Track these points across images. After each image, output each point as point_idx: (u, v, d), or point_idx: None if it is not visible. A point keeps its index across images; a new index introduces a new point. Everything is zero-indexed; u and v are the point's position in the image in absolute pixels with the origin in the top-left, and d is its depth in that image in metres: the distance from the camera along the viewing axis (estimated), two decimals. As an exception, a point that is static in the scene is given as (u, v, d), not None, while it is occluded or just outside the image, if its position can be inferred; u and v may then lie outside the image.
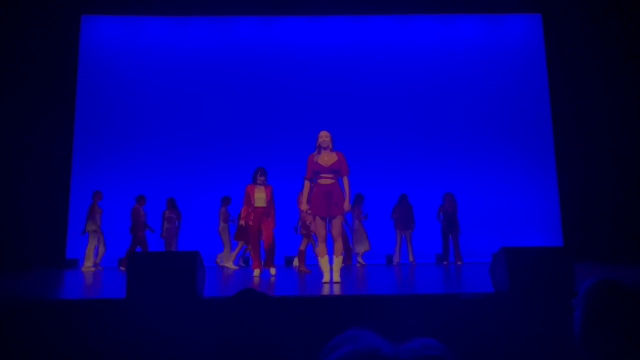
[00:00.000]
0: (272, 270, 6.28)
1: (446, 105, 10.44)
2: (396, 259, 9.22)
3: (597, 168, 9.36)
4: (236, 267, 8.52)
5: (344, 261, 7.66)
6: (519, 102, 10.40)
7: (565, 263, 3.40)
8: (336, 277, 5.01)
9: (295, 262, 7.79)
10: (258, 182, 6.48)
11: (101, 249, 8.96)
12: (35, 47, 9.48)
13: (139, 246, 8.93)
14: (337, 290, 4.36)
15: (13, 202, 8.89)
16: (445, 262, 9.01)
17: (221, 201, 9.06)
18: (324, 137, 5.22)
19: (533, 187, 10.11)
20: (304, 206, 5.31)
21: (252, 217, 6.39)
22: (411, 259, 9.14)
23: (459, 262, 8.99)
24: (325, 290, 4.37)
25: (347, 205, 5.15)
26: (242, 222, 6.60)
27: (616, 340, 1.33)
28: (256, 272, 6.30)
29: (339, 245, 5.16)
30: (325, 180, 5.14)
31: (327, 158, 5.19)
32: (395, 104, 10.45)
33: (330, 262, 5.20)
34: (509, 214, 9.93)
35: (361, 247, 9.06)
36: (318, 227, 5.19)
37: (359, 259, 9.09)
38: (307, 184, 5.30)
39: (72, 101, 10.01)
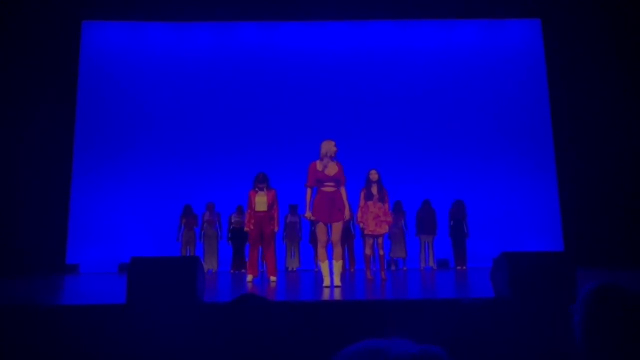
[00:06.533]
0: (272, 277, 6.20)
1: (445, 111, 10.46)
2: (421, 264, 9.23)
3: (597, 173, 9.36)
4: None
5: (346, 266, 7.71)
6: (519, 107, 10.42)
7: (567, 268, 3.39)
8: (337, 282, 5.08)
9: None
10: (257, 188, 6.48)
11: None
12: (36, 53, 9.52)
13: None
14: (337, 294, 4.35)
15: (14, 207, 8.89)
16: (459, 267, 9.07)
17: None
18: (334, 146, 5.37)
19: (533, 192, 10.10)
20: (307, 214, 5.35)
21: (252, 222, 6.38)
22: (431, 263, 9.16)
23: (460, 267, 9.04)
24: (326, 294, 4.37)
25: (348, 213, 5.37)
26: (247, 228, 6.58)
27: (617, 345, 1.33)
28: (249, 277, 6.27)
29: (338, 250, 5.32)
30: (329, 188, 5.32)
31: (330, 167, 5.36)
32: (394, 109, 10.47)
33: (330, 266, 5.27)
34: (509, 218, 9.92)
35: (396, 253, 9.11)
36: (320, 232, 5.29)
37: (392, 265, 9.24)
38: (309, 191, 5.39)
39: (72, 106, 10.03)
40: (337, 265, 5.24)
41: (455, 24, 10.78)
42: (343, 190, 5.41)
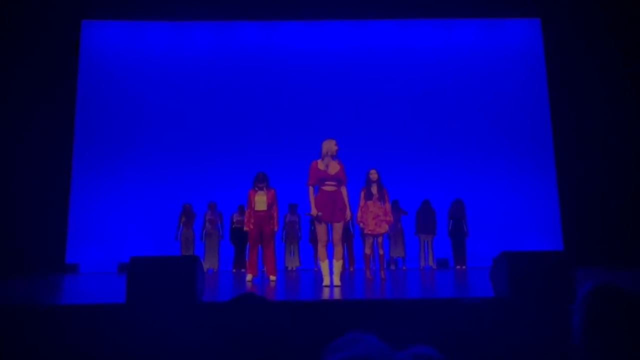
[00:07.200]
0: (272, 277, 6.23)
1: (445, 110, 10.46)
2: (421, 264, 9.25)
3: (597, 173, 9.37)
4: None
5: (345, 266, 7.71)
6: (519, 107, 10.42)
7: (567, 268, 3.39)
8: (336, 281, 5.08)
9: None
10: (257, 187, 6.48)
11: None
12: (36, 53, 9.51)
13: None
14: (337, 294, 4.36)
15: (13, 207, 8.89)
16: (458, 267, 9.08)
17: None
18: (335, 145, 5.38)
19: (533, 192, 10.11)
20: (313, 211, 5.36)
21: (252, 221, 6.40)
22: (431, 263, 9.18)
23: (460, 267, 9.07)
24: (326, 294, 4.37)
25: (348, 213, 5.38)
26: (246, 227, 6.60)
27: (616, 345, 1.33)
28: (249, 277, 6.29)
29: (339, 250, 5.33)
30: (330, 187, 5.34)
31: (331, 166, 5.37)
32: (394, 109, 10.47)
33: (331, 266, 5.28)
34: (509, 218, 9.92)
35: (396, 252, 9.12)
36: (320, 232, 5.29)
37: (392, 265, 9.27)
38: (311, 190, 5.40)
39: (72, 106, 10.03)
40: (337, 265, 5.24)
41: (455, 23, 10.78)
42: (344, 190, 5.41)
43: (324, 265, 5.28)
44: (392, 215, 6.57)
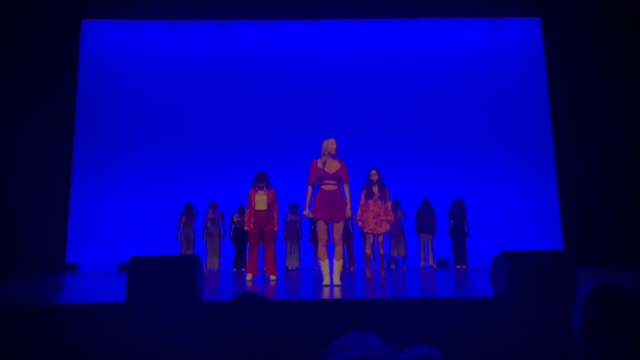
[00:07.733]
0: (272, 276, 6.24)
1: (446, 110, 10.46)
2: (421, 263, 9.25)
3: (597, 173, 9.37)
4: None
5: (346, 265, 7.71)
6: (519, 106, 10.42)
7: (567, 267, 3.39)
8: (336, 281, 5.08)
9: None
10: (257, 187, 6.49)
11: None
12: (36, 52, 9.51)
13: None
14: (337, 293, 4.35)
15: (13, 207, 8.89)
16: (459, 266, 9.09)
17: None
18: (333, 144, 5.37)
19: (533, 191, 10.11)
20: (306, 212, 5.36)
21: (252, 221, 6.40)
22: (431, 262, 9.18)
23: (460, 267, 9.07)
24: (326, 293, 4.37)
25: (349, 212, 5.34)
26: (246, 227, 6.61)
27: (616, 345, 1.33)
28: (249, 276, 6.29)
29: (339, 250, 5.33)
30: (329, 186, 5.32)
31: (331, 165, 5.35)
32: (394, 108, 10.47)
33: (331, 265, 5.28)
34: (509, 217, 9.93)
35: (397, 252, 9.14)
36: (320, 231, 5.29)
37: (392, 264, 9.27)
38: (310, 189, 5.40)
39: (72, 105, 10.03)
40: (338, 265, 5.25)
41: (456, 23, 10.78)
42: (347, 188, 5.38)
43: (324, 265, 5.28)
44: (393, 214, 6.56)
